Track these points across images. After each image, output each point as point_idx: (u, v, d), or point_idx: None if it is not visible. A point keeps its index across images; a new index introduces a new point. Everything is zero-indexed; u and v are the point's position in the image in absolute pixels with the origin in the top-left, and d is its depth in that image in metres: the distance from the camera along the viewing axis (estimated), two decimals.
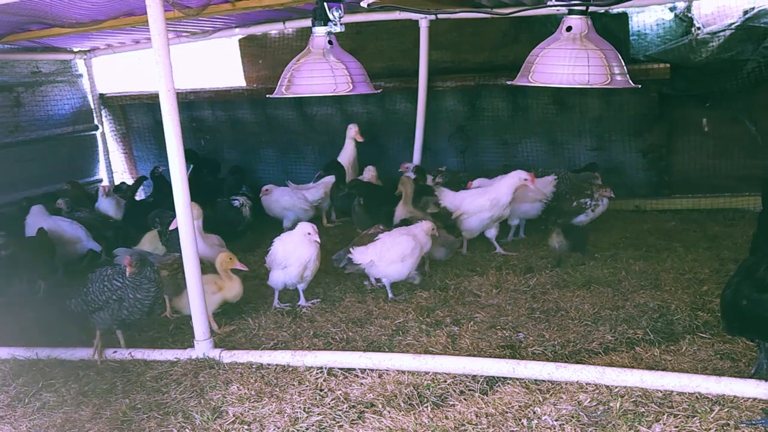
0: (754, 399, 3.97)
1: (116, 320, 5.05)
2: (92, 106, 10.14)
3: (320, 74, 4.91)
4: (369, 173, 8.11)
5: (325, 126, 9.54)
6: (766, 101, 8.20)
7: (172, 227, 6.42)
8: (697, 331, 5.01)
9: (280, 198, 8.05)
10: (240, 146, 9.80)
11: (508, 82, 4.86)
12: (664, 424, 3.81)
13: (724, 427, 3.75)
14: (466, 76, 8.84)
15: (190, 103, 9.85)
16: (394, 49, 9.06)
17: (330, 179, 8.08)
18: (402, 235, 6.03)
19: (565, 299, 5.77)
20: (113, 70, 10.39)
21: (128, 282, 4.95)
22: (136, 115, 10.41)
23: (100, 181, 10.10)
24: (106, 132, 10.35)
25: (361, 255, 5.98)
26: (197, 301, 4.92)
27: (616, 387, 4.21)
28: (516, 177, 6.80)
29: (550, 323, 5.33)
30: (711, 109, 8.43)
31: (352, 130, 8.40)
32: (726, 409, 3.91)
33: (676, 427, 3.78)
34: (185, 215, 4.78)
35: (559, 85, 4.58)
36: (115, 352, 5.17)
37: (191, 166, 8.73)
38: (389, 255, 5.92)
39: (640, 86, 4.78)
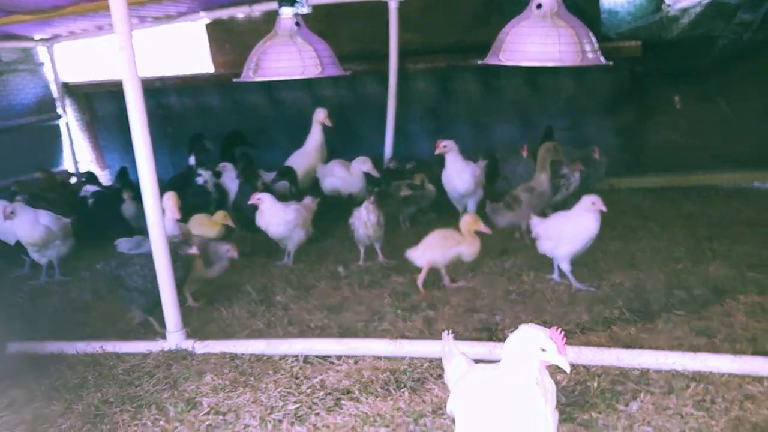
0: (729, 374, 4.00)
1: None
2: (55, 95, 9.92)
3: (288, 57, 4.82)
4: (367, 165, 7.85)
5: (295, 110, 9.42)
6: (738, 78, 8.23)
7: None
8: (672, 308, 5.02)
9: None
10: (208, 133, 9.65)
11: (479, 62, 4.80)
12: (642, 401, 3.82)
13: (701, 403, 3.77)
14: (437, 58, 8.77)
15: (156, 90, 9.67)
16: (364, 32, 8.95)
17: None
18: None
19: (541, 281, 5.76)
20: (77, 57, 10.17)
21: None
22: (101, 103, 10.20)
23: (66, 171, 9.89)
24: (71, 121, 10.14)
25: None
26: (168, 290, 4.82)
27: (594, 366, 4.21)
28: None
29: (526, 305, 5.32)
30: (683, 86, 8.45)
31: (321, 114, 8.27)
32: (702, 385, 3.94)
33: (653, 404, 3.79)
34: (153, 206, 4.67)
35: (530, 64, 4.52)
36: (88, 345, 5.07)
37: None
38: None
39: (612, 63, 4.75)
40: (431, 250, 5.75)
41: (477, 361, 3.35)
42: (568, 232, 5.56)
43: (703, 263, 5.86)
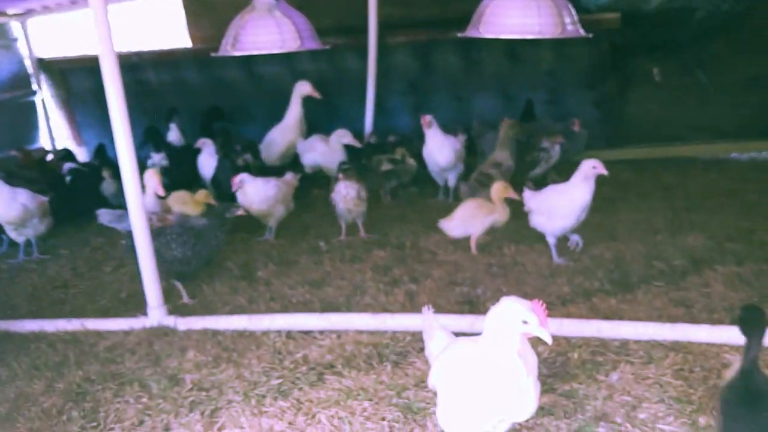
0: (708, 344, 4.06)
1: None
2: (30, 71, 9.75)
3: (266, 31, 4.78)
4: (347, 137, 7.82)
5: (274, 85, 9.34)
6: (717, 50, 8.27)
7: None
8: (652, 280, 5.08)
9: None
10: (187, 109, 9.57)
11: (459, 35, 4.78)
12: (621, 371, 3.87)
13: (679, 372, 3.84)
14: (418, 31, 8.72)
15: (133, 65, 9.54)
16: (342, 5, 8.86)
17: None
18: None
19: (522, 253, 5.79)
20: (51, 32, 9.99)
21: None
22: (77, 79, 10.02)
23: (42, 148, 9.76)
24: (46, 98, 9.99)
25: None
26: (149, 266, 4.80)
27: (574, 338, 4.25)
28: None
29: (507, 278, 5.34)
30: (663, 59, 8.48)
31: (305, 87, 8.19)
32: (681, 355, 4.00)
33: (633, 374, 3.84)
34: (133, 182, 4.63)
35: (509, 36, 4.51)
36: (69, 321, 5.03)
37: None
38: None
39: (591, 35, 4.74)
40: (469, 221, 5.84)
41: (458, 335, 3.37)
42: (561, 205, 5.46)
43: (682, 234, 5.93)
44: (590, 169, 5.34)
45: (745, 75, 8.39)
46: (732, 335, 4.04)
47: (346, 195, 6.24)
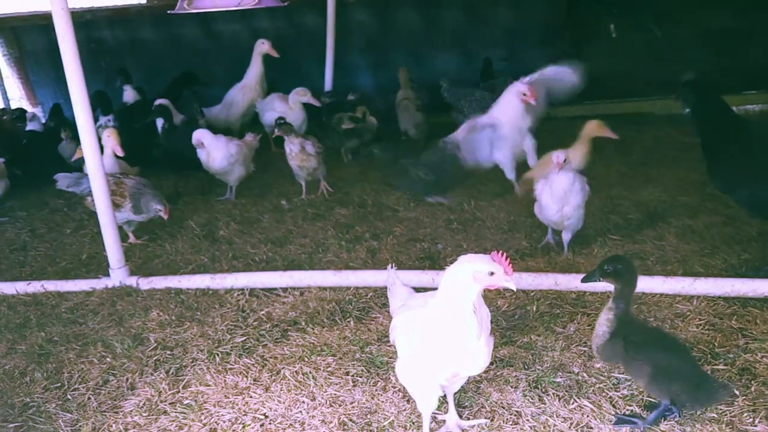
0: (661, 294, 4.18)
1: None
2: None
3: None
4: (306, 96, 7.73)
5: (232, 43, 9.23)
6: (671, 6, 8.33)
7: (75, 157, 6.08)
8: (608, 233, 5.19)
9: None
10: (144, 68, 9.40)
11: None
12: (578, 323, 3.96)
13: None
14: None
15: (87, 22, 9.33)
16: None
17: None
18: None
19: (481, 209, 5.86)
20: None
21: None
22: (30, 37, 9.81)
23: None
24: None
25: None
26: (109, 228, 4.78)
27: (533, 291, 4.34)
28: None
29: (467, 233, 5.42)
30: (619, 15, 8.53)
31: (264, 46, 8.08)
32: (635, 306, 4.07)
33: (590, 325, 3.92)
34: (90, 142, 4.57)
35: None
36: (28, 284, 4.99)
37: None
38: None
39: None
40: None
41: (419, 290, 3.42)
42: (542, 193, 4.89)
43: (637, 188, 6.06)
44: (554, 159, 4.72)
45: (698, 30, 8.50)
46: (685, 286, 4.18)
47: (290, 152, 6.22)
